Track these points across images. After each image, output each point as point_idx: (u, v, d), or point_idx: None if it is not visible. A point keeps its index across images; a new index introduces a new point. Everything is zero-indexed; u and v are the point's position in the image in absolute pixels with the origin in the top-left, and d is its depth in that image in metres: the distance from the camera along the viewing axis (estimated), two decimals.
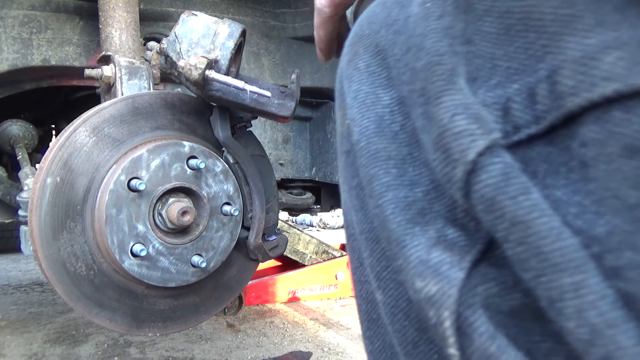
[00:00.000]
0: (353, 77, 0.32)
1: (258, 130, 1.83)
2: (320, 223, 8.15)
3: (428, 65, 0.25)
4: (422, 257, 0.24)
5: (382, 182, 0.27)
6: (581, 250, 0.19)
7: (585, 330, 0.19)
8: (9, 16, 1.41)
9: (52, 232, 0.93)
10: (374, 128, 0.29)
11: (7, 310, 2.93)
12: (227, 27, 0.99)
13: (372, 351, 0.32)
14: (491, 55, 0.24)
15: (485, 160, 0.22)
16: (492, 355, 0.21)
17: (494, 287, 0.23)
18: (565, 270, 0.19)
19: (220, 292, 1.18)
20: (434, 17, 0.26)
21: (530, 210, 0.20)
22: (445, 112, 0.24)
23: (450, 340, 0.23)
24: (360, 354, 2.33)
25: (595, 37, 0.20)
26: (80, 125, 0.96)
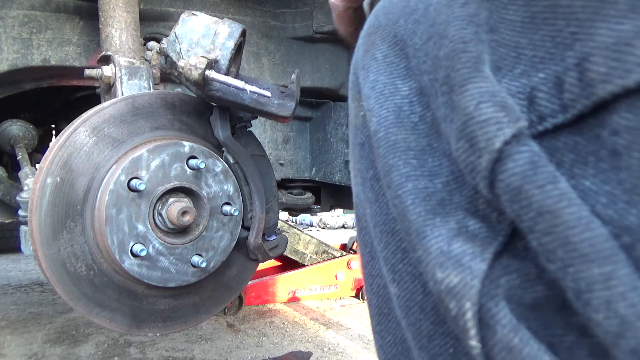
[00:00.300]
0: (370, 67, 0.31)
1: (258, 130, 1.83)
2: (320, 223, 8.15)
3: (452, 53, 0.24)
4: (443, 248, 0.24)
5: (401, 173, 0.27)
6: (611, 241, 0.19)
7: (614, 322, 0.19)
8: (9, 16, 1.41)
9: (52, 232, 0.93)
10: (393, 119, 0.28)
11: (7, 310, 2.93)
12: (227, 27, 0.99)
13: (382, 345, 0.32)
14: (515, 44, 0.23)
15: (512, 148, 0.21)
16: (515, 347, 0.21)
17: (516, 279, 0.22)
18: (594, 261, 0.19)
19: (220, 292, 1.18)
20: (458, 4, 0.25)
21: (559, 200, 0.20)
22: (470, 99, 0.23)
23: (472, 332, 0.22)
24: (360, 354, 2.33)
25: (629, 22, 0.20)
26: (80, 125, 0.96)
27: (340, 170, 1.82)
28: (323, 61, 1.86)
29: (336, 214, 8.49)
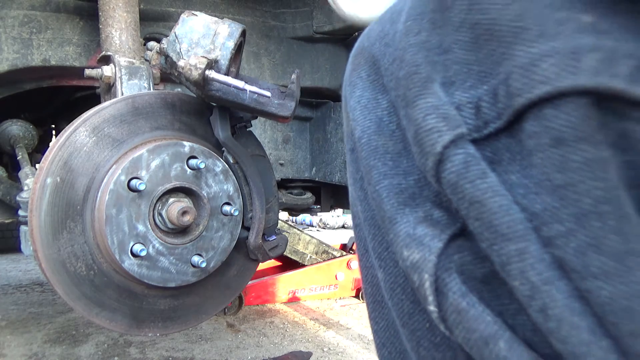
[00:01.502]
0: (356, 84, 0.36)
1: (258, 130, 1.83)
2: (320, 223, 8.15)
3: (407, 74, 0.30)
4: (409, 232, 0.28)
5: (380, 172, 0.31)
6: (524, 223, 0.24)
7: (527, 287, 0.23)
8: (9, 16, 1.41)
9: (52, 232, 0.93)
10: (374, 128, 0.33)
11: (7, 310, 2.93)
12: (227, 27, 0.99)
13: (377, 331, 0.36)
14: (466, 61, 0.28)
15: (450, 151, 0.26)
16: (462, 309, 0.26)
17: (467, 256, 0.27)
18: (511, 239, 0.24)
19: (220, 292, 1.18)
20: (413, 33, 0.30)
21: (485, 192, 0.25)
22: (419, 113, 0.28)
23: (430, 298, 0.27)
24: (360, 354, 2.33)
25: (538, 46, 0.24)
26: (80, 125, 0.96)
27: (340, 170, 1.82)
28: (323, 61, 1.86)
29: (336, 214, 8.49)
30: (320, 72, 1.85)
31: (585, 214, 0.22)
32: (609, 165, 0.22)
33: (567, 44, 0.23)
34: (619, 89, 0.22)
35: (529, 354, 0.24)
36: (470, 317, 0.25)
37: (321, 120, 1.93)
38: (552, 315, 0.23)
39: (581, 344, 0.22)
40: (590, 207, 0.22)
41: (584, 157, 0.22)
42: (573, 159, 0.23)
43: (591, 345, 0.22)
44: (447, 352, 0.29)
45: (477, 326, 0.25)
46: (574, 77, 0.22)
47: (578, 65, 0.22)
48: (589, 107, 0.22)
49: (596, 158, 0.22)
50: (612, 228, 0.22)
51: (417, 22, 0.30)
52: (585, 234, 0.22)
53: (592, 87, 0.22)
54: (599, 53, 0.22)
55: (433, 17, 0.29)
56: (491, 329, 0.25)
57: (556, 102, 0.23)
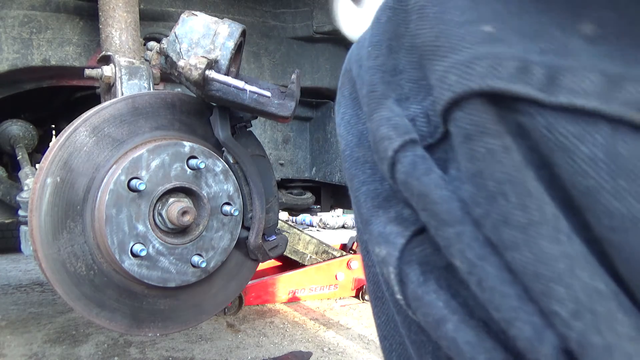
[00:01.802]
0: (341, 102, 0.41)
1: (258, 130, 1.83)
2: (320, 223, 8.15)
3: (367, 92, 0.35)
4: (380, 230, 0.32)
5: (359, 180, 0.35)
6: (460, 210, 0.27)
7: (465, 265, 0.26)
8: (9, 16, 1.41)
9: (52, 232, 0.93)
10: (356, 141, 0.37)
11: (7, 310, 2.93)
12: (227, 27, 0.99)
13: (379, 325, 0.40)
14: (417, 78, 0.32)
15: (400, 155, 0.30)
16: (419, 296, 0.29)
17: (428, 248, 0.30)
18: (450, 224, 0.27)
19: (220, 292, 1.18)
20: (372, 57, 0.35)
21: (428, 185, 0.28)
22: (375, 124, 0.33)
23: (395, 288, 0.31)
24: (360, 354, 2.33)
25: (447, 60, 0.28)
26: (80, 125, 0.96)
27: (340, 170, 1.82)
28: (323, 61, 1.86)
29: (336, 214, 8.48)
30: (320, 72, 1.85)
31: (493, 195, 0.26)
32: (511, 150, 0.25)
33: (466, 54, 0.27)
34: (500, 88, 0.25)
35: (474, 333, 0.27)
36: (425, 302, 0.29)
37: (321, 120, 1.93)
38: (487, 286, 0.26)
39: (511, 309, 0.25)
40: (495, 188, 0.25)
41: (486, 147, 0.26)
42: (478, 150, 0.26)
43: (518, 310, 0.25)
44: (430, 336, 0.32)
45: (431, 310, 0.28)
46: (467, 83, 0.26)
47: (471, 71, 0.26)
48: (484, 105, 0.26)
49: (497, 146, 0.26)
50: (515, 204, 0.25)
51: (376, 48, 0.35)
52: (496, 212, 0.25)
53: (480, 89, 0.26)
54: (488, 60, 0.26)
55: (390, 44, 0.34)
56: (441, 312, 0.28)
57: (460, 105, 0.27)
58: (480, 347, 0.26)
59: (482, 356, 0.26)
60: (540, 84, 0.25)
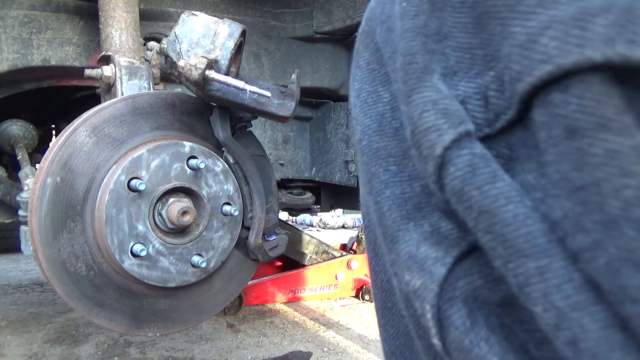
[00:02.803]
0: (355, 76, 0.32)
1: (258, 130, 1.83)
2: (320, 223, 8.14)
3: (402, 65, 0.26)
4: (411, 252, 0.25)
5: (381, 180, 0.27)
6: (545, 236, 0.20)
7: (551, 314, 0.19)
8: (9, 16, 1.41)
9: (52, 232, 0.93)
10: (375, 127, 0.29)
11: (7, 310, 2.93)
12: (227, 27, 0.99)
13: (386, 338, 0.33)
14: (469, 45, 0.24)
15: (453, 153, 0.22)
16: (465, 347, 0.22)
17: (478, 279, 0.23)
18: (529, 256, 0.20)
19: (220, 292, 1.18)
20: (409, 16, 0.26)
21: (496, 199, 0.21)
22: (415, 109, 0.24)
23: (432, 331, 0.24)
24: (360, 354, 2.33)
25: (535, 18, 0.20)
26: (80, 125, 0.96)
27: (340, 170, 1.82)
28: (323, 61, 1.86)
29: (336, 214, 8.48)
30: (320, 72, 1.85)
31: (615, 220, 0.18)
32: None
33: (570, 9, 0.19)
34: (639, 59, 0.17)
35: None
36: (474, 357, 0.22)
37: (321, 120, 1.93)
38: (585, 349, 0.18)
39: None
40: (620, 212, 0.18)
41: (606, 148, 0.18)
42: (593, 152, 0.18)
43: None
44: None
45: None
46: (580, 50, 0.18)
47: (585, 34, 0.18)
48: (606, 85, 0.18)
49: (623, 148, 0.18)
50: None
51: (413, 3, 0.26)
52: (617, 246, 0.18)
53: (605, 59, 0.18)
54: (611, 15, 0.18)
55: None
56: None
57: (564, 84, 0.19)
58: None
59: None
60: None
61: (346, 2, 1.68)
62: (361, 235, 3.61)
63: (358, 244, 3.58)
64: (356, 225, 7.90)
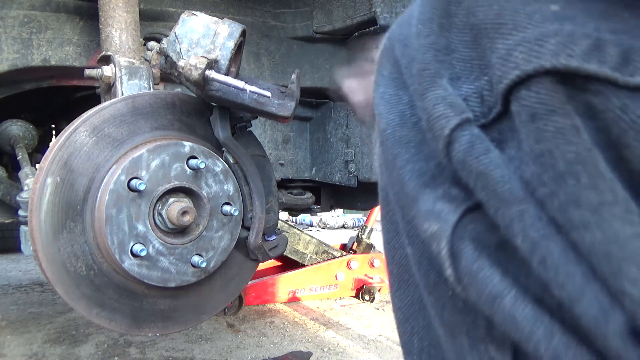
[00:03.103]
0: (380, 82, 0.40)
1: (258, 130, 1.83)
2: (320, 223, 8.14)
3: (419, 71, 0.34)
4: (429, 207, 0.32)
5: (403, 158, 0.35)
6: (522, 190, 0.27)
7: (527, 244, 0.27)
8: (9, 16, 1.41)
9: (52, 232, 0.93)
10: (398, 120, 0.37)
11: (7, 310, 2.93)
12: (227, 27, 0.99)
13: (401, 307, 0.40)
14: (469, 58, 0.32)
15: (457, 133, 0.30)
16: (473, 272, 0.29)
17: (481, 225, 0.30)
18: (513, 203, 0.27)
19: (220, 292, 1.18)
20: (424, 35, 0.35)
21: (488, 165, 0.28)
22: (429, 103, 0.32)
23: (447, 264, 0.30)
24: (360, 354, 2.33)
25: (512, 38, 0.28)
26: (80, 125, 0.96)
27: (340, 171, 1.82)
28: (323, 61, 1.86)
29: (336, 214, 8.48)
30: (320, 72, 1.85)
31: (562, 175, 0.26)
32: (580, 130, 0.25)
33: (533, 32, 0.27)
34: (574, 67, 0.25)
35: (531, 308, 0.27)
36: (480, 278, 0.29)
37: (321, 120, 1.93)
38: (550, 265, 0.26)
39: (576, 288, 0.25)
40: (565, 169, 0.26)
41: (555, 126, 0.26)
42: (546, 129, 0.26)
43: (584, 288, 0.25)
44: (468, 316, 0.32)
45: (486, 286, 0.28)
46: (537, 60, 0.26)
47: (541, 49, 0.26)
48: (554, 84, 0.26)
49: (566, 126, 0.26)
50: (586, 184, 0.25)
51: (427, 25, 0.35)
52: (565, 192, 0.25)
53: (552, 67, 0.26)
54: (559, 37, 0.26)
55: (440, 22, 0.34)
56: (498, 287, 0.28)
57: (527, 84, 0.27)
58: (538, 322, 0.27)
59: (541, 330, 0.26)
60: (615, 63, 0.24)
61: (346, 2, 1.68)
62: (361, 235, 3.61)
63: (358, 244, 3.58)
64: (356, 225, 7.90)
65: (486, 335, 0.31)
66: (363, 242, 3.57)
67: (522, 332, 0.27)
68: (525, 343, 0.27)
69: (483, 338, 0.31)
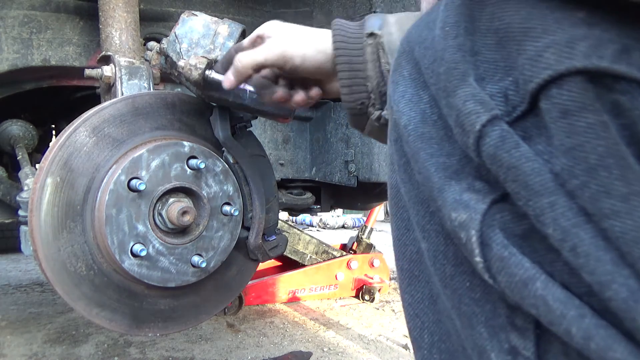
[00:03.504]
0: (399, 82, 0.42)
1: (258, 130, 1.82)
2: (320, 223, 8.14)
3: (447, 70, 0.36)
4: (456, 197, 0.34)
5: (427, 152, 0.37)
6: (552, 181, 0.29)
7: (559, 232, 0.28)
8: (9, 16, 1.41)
9: (52, 232, 0.93)
10: (419, 118, 0.39)
11: (7, 310, 2.93)
12: (227, 27, 0.99)
13: (411, 303, 0.42)
14: (493, 60, 0.34)
15: (488, 129, 0.32)
16: (504, 257, 0.30)
17: (508, 215, 0.32)
18: (544, 194, 0.29)
19: (220, 292, 1.18)
20: (451, 37, 0.36)
21: (519, 158, 0.30)
22: (459, 100, 0.34)
23: (476, 251, 0.32)
24: (360, 354, 2.33)
25: (541, 40, 0.30)
26: (80, 125, 0.96)
27: (340, 171, 1.82)
28: None
29: (336, 214, 8.48)
30: None
31: (594, 167, 0.27)
32: (609, 126, 0.27)
33: (564, 35, 0.29)
34: (604, 67, 0.27)
35: (562, 291, 0.28)
36: (511, 263, 0.30)
37: (321, 120, 1.93)
38: (581, 252, 0.27)
39: (606, 273, 0.26)
40: (597, 161, 0.27)
41: (586, 122, 0.28)
42: (578, 125, 0.28)
43: (614, 274, 0.26)
44: (486, 306, 0.33)
45: (517, 271, 0.30)
46: (570, 61, 0.28)
47: (573, 51, 0.28)
48: (585, 83, 0.28)
49: (597, 122, 0.27)
50: (617, 176, 0.27)
51: (454, 28, 0.36)
52: (596, 184, 0.27)
53: (584, 67, 0.27)
54: (589, 40, 0.28)
55: (466, 26, 0.36)
56: (529, 272, 0.29)
57: (559, 82, 0.28)
58: (570, 304, 0.28)
59: (572, 312, 0.28)
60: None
61: (346, 2, 1.68)
62: (361, 235, 3.60)
63: (358, 244, 3.58)
64: (356, 225, 7.90)
65: (507, 323, 0.32)
66: (363, 242, 3.57)
67: (554, 314, 0.28)
68: (557, 325, 0.28)
69: (504, 327, 0.32)
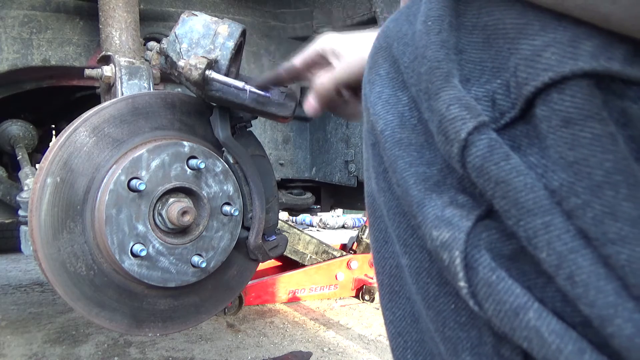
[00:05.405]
0: (375, 81, 0.38)
1: (258, 130, 1.82)
2: (320, 223, 8.14)
3: (429, 70, 0.31)
4: (437, 214, 0.30)
5: (405, 161, 0.33)
6: (547, 199, 0.25)
7: (554, 257, 0.25)
8: (9, 16, 1.41)
9: (52, 232, 0.93)
10: (397, 122, 0.35)
11: (7, 310, 2.93)
12: (227, 27, 0.99)
13: (392, 321, 0.37)
14: (480, 59, 0.30)
15: (474, 137, 0.28)
16: (492, 282, 0.27)
17: (495, 234, 0.28)
18: (537, 214, 0.25)
19: (220, 292, 1.18)
20: (434, 32, 0.32)
21: (510, 172, 0.26)
22: (442, 104, 0.30)
23: (460, 275, 0.28)
24: (360, 354, 2.33)
25: (540, 38, 0.26)
26: (80, 125, 0.96)
27: (340, 170, 1.82)
28: None
29: (336, 214, 8.48)
30: None
31: (599, 185, 0.24)
32: (617, 138, 0.24)
33: (566, 33, 0.25)
34: (615, 70, 0.24)
35: (558, 322, 0.25)
36: (500, 289, 0.26)
37: (321, 120, 1.93)
38: (579, 281, 0.24)
39: (608, 306, 0.23)
40: (603, 178, 0.24)
41: (592, 133, 0.24)
42: (582, 136, 0.24)
43: (617, 307, 0.23)
44: (472, 331, 0.29)
45: (507, 298, 0.26)
46: (574, 62, 0.24)
47: (576, 51, 0.25)
48: (591, 88, 0.24)
49: (604, 133, 0.24)
50: (625, 196, 0.23)
51: (437, 22, 0.32)
52: (601, 204, 0.24)
53: (592, 69, 0.24)
54: (595, 39, 0.24)
55: (451, 20, 0.32)
56: (521, 300, 0.26)
57: (560, 87, 0.25)
58: (567, 337, 0.24)
59: (571, 346, 0.24)
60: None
61: (346, 2, 1.68)
62: (361, 235, 3.61)
63: (358, 244, 3.58)
64: (356, 225, 7.90)
65: (494, 353, 0.28)
66: (363, 242, 3.57)
67: (549, 349, 0.24)
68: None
69: (490, 356, 0.28)
